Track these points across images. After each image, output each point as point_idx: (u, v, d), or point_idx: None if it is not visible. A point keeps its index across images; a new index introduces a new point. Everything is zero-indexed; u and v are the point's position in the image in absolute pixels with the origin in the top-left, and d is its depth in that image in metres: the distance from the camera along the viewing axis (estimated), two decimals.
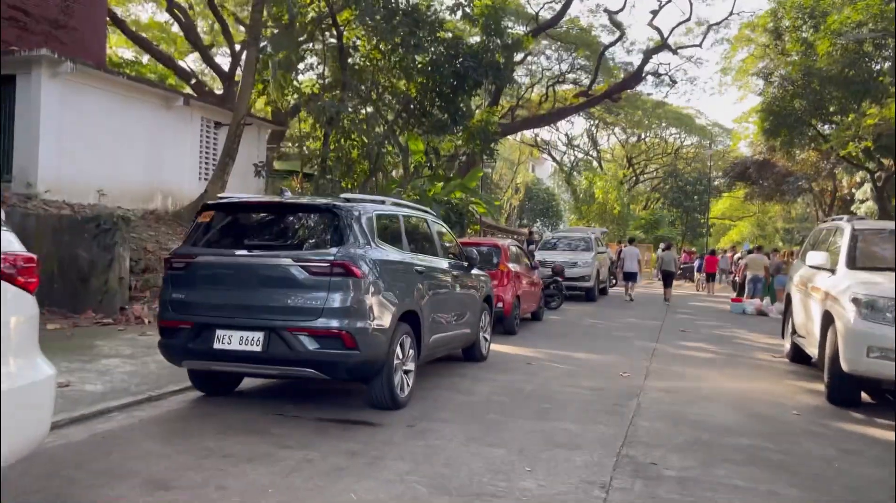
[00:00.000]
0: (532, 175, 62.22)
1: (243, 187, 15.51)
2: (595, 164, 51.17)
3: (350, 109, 19.25)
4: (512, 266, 11.22)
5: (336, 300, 5.31)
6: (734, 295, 17.68)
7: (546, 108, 29.96)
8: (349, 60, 19.14)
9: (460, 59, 18.69)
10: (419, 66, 18.99)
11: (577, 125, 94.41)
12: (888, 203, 23.90)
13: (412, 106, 20.11)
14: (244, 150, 16.03)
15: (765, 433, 5.79)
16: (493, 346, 9.41)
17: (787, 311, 9.62)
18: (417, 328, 6.26)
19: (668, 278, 19.38)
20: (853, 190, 37.53)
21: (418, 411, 5.92)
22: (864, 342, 6.29)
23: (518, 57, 29.83)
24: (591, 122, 44.58)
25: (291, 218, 5.92)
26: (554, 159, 51.07)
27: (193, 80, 20.57)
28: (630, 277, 19.18)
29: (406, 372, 6.09)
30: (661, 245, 24.37)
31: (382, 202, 6.50)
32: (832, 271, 7.45)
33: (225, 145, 14.37)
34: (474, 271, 8.24)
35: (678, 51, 28.06)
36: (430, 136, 21.69)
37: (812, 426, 6.05)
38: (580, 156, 51.06)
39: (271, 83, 16.28)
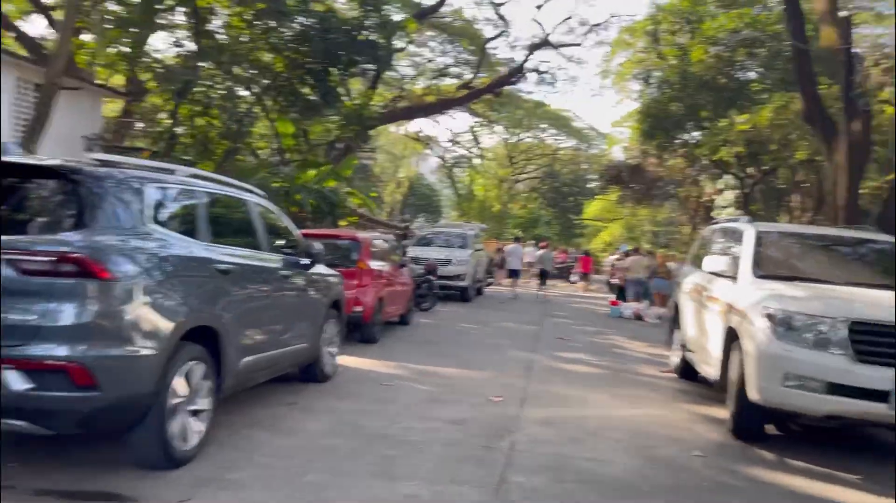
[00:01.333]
0: (415, 170, 60.88)
1: None
2: (477, 161, 50.46)
3: (210, 83, 16.83)
4: (374, 264, 9.50)
5: (64, 314, 3.39)
6: (612, 297, 16.84)
7: (429, 101, 28.47)
8: (207, 27, 16.68)
9: (332, 34, 16.73)
10: (286, 38, 16.87)
11: (460, 122, 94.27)
12: (752, 208, 24.20)
13: (279, 83, 17.94)
14: (73, 120, 13.37)
15: (669, 487, 4.42)
16: (345, 360, 7.67)
17: (675, 322, 8.51)
18: (218, 349, 4.42)
19: (543, 276, 19.56)
20: (714, 197, 38.69)
21: (208, 469, 4.08)
22: (779, 368, 5.08)
23: (401, 44, 28.19)
24: (475, 120, 43.68)
25: (13, 185, 3.88)
26: (437, 155, 49.86)
27: (14, 35, 17.29)
28: (514, 274, 19.59)
29: (195, 412, 4.23)
30: (539, 244, 23.77)
31: (172, 172, 4.58)
32: (734, 279, 6.28)
33: (36, 109, 11.68)
34: (319, 269, 6.45)
35: (560, 48, 27.39)
36: (300, 118, 19.60)
37: (722, 475, 4.74)
38: (463, 153, 50.17)
39: (97, 41, 13.64)
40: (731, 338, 5.83)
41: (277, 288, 5.48)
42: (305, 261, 6.07)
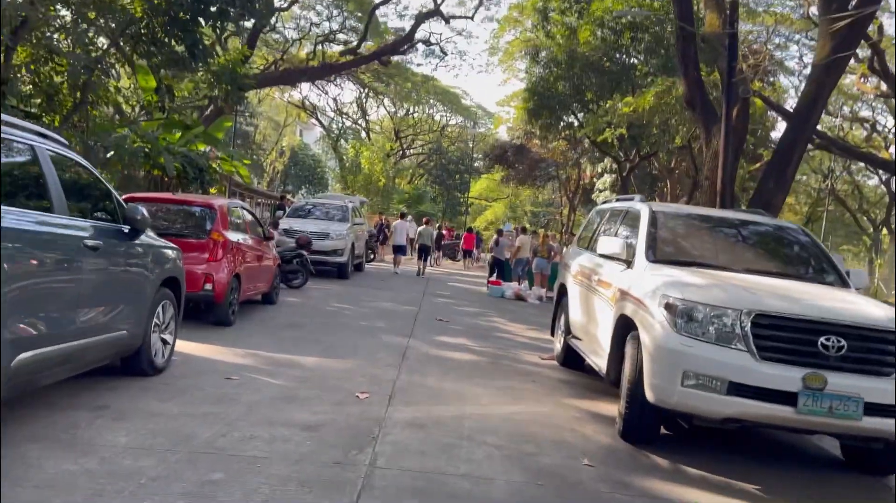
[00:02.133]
0: (299, 139, 58.35)
1: None
2: (363, 134, 48.93)
3: (56, 26, 14.53)
4: (232, 235, 8.22)
5: None
6: (492, 276, 16.30)
7: (312, 65, 26.73)
8: None
9: None
10: None
11: (346, 93, 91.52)
12: (629, 192, 24.55)
13: (139, 30, 15.85)
14: None
15: None
16: (188, 347, 6.45)
17: (560, 306, 7.90)
18: None
19: (423, 252, 19.28)
20: (594, 179, 39.50)
21: None
22: (679, 365, 4.46)
23: (283, 2, 26.24)
24: (361, 91, 42.12)
25: None
26: (322, 125, 47.85)
27: None
28: (399, 250, 19.32)
29: None
30: (423, 220, 23.01)
31: None
32: (628, 263, 5.66)
33: None
34: (146, 240, 5.20)
35: (450, 20, 26.46)
36: (163, 70, 17.56)
37: (615, 492, 4.06)
38: (349, 124, 48.46)
39: None
40: (625, 327, 5.20)
41: (78, 262, 4.22)
42: (123, 228, 4.82)
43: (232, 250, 8.11)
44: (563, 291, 7.84)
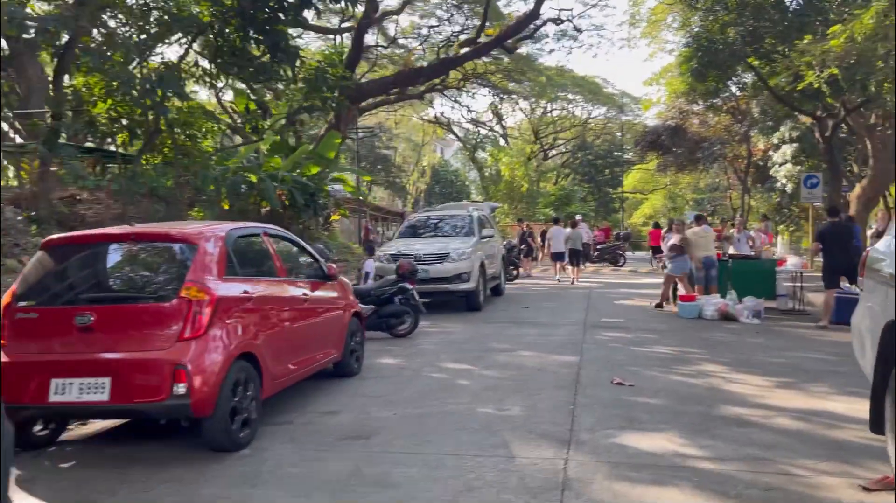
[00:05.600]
0: (439, 157, 55.80)
1: None
2: (501, 140, 45.14)
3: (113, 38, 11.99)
4: (231, 286, 4.47)
5: None
6: (680, 289, 11.39)
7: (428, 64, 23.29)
8: None
9: None
10: None
11: (480, 100, 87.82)
12: (838, 157, 18.37)
13: (213, 38, 13.06)
14: None
15: None
16: None
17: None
18: None
19: (574, 257, 16.87)
20: (771, 152, 32.51)
21: None
22: None
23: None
24: (494, 93, 38.36)
25: None
26: (458, 137, 44.71)
27: None
28: (559, 258, 17.33)
29: None
30: (569, 222, 18.70)
31: None
32: None
33: None
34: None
35: None
36: (247, 83, 14.77)
37: None
38: (485, 132, 44.91)
39: None
40: None
41: None
42: None
43: (236, 311, 4.38)
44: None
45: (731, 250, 12.96)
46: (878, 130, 22.48)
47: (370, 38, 22.86)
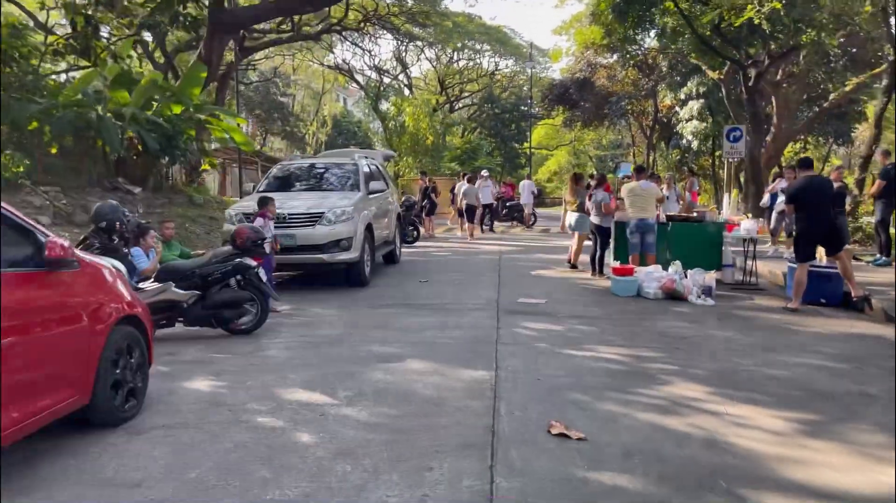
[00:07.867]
0: (341, 107, 51.80)
1: None
2: (406, 90, 41.94)
3: None
4: None
5: None
6: (606, 255, 9.05)
7: None
8: None
9: None
10: None
11: (383, 47, 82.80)
12: (757, 103, 16.74)
13: None
14: None
15: None
16: None
17: None
18: None
19: (469, 213, 16.38)
20: (677, 108, 31.31)
21: None
22: None
23: None
24: (398, 38, 35.02)
25: None
26: (360, 85, 41.12)
27: None
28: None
29: None
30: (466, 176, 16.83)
31: None
32: None
33: None
34: None
35: None
36: None
37: None
38: (389, 81, 41.55)
39: None
40: None
41: None
42: None
43: None
44: None
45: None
46: (784, 87, 21.36)
47: None
